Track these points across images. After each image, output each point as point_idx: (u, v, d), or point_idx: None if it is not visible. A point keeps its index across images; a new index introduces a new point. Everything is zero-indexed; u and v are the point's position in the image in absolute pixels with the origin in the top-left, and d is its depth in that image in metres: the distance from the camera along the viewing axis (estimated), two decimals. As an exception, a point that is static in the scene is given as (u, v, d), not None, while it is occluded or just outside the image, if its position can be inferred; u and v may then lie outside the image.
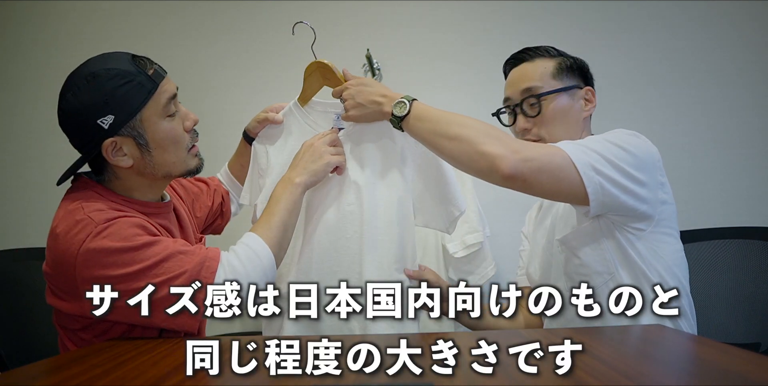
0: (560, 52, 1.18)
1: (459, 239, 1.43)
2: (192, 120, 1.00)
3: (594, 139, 0.99)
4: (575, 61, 1.15)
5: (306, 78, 1.22)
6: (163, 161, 0.96)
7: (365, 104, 1.08)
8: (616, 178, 0.93)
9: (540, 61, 1.15)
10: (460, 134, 0.95)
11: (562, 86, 1.12)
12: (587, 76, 1.17)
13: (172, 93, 0.96)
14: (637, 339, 0.77)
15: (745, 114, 1.65)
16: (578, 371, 0.60)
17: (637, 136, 1.02)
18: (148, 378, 0.63)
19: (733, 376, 0.60)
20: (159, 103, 0.93)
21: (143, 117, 0.92)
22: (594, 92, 1.15)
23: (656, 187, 0.98)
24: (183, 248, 0.88)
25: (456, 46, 1.64)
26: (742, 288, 1.31)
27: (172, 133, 0.96)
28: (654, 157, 0.99)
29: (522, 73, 1.15)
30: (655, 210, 0.98)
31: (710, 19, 1.65)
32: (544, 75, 1.13)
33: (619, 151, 0.95)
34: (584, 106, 1.14)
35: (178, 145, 0.97)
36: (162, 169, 0.97)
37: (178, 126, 0.97)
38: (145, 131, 0.93)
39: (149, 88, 0.92)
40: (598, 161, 0.92)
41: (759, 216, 1.62)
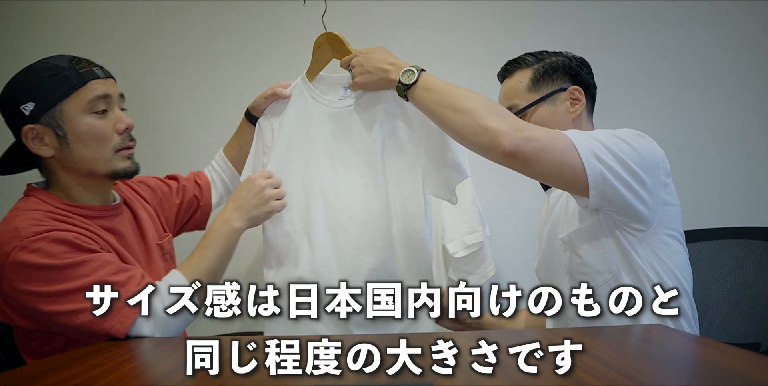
0: (540, 56, 1.15)
1: (459, 239, 1.43)
2: (125, 123, 1.01)
3: (601, 132, 0.99)
4: (556, 62, 1.12)
5: (314, 51, 1.21)
6: (83, 156, 0.97)
7: (372, 71, 1.08)
8: (618, 170, 0.92)
9: (517, 74, 1.14)
10: (465, 107, 0.95)
11: (539, 97, 1.11)
12: (575, 74, 1.13)
13: (102, 93, 0.97)
14: (637, 339, 0.77)
15: (745, 114, 1.65)
16: (578, 371, 0.60)
17: (643, 137, 1.01)
18: (148, 378, 0.63)
19: (733, 376, 0.60)
20: (83, 99, 0.96)
21: (64, 109, 0.95)
22: (581, 90, 1.12)
23: (658, 188, 0.97)
24: (112, 278, 0.87)
25: (456, 46, 1.64)
26: (742, 288, 1.31)
27: (94, 130, 0.97)
28: (658, 158, 0.99)
29: (504, 90, 1.17)
30: (655, 212, 0.97)
31: (710, 19, 1.64)
32: (519, 90, 1.12)
33: (625, 146, 0.95)
34: (570, 107, 1.12)
35: (101, 143, 0.98)
36: (83, 164, 0.98)
37: (105, 125, 0.98)
38: (65, 123, 0.95)
39: (74, 83, 0.95)
40: (601, 151, 0.92)
41: (759, 216, 1.62)
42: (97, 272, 0.87)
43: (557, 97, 1.11)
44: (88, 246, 0.90)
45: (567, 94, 1.11)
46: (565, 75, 1.12)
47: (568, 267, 1.05)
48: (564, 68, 1.13)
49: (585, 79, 1.14)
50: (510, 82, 1.15)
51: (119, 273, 0.89)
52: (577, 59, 1.16)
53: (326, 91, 1.21)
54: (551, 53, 1.16)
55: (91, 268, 0.87)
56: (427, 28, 1.64)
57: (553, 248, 1.12)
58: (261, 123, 1.22)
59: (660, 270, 0.97)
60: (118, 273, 0.89)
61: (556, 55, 1.15)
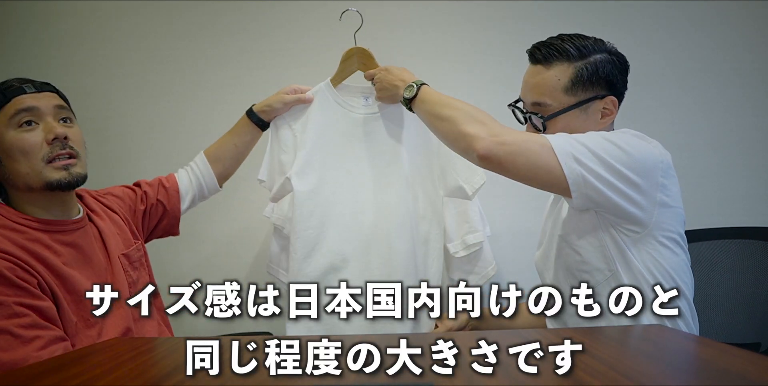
0: (584, 48, 1.03)
1: (459, 239, 1.43)
2: (54, 133, 0.99)
3: (590, 134, 0.98)
4: (600, 64, 1.03)
5: (343, 61, 1.34)
6: (15, 171, 0.98)
7: (388, 87, 1.21)
8: (601, 172, 0.92)
9: (557, 67, 1.03)
10: (449, 115, 1.01)
11: (575, 102, 1.03)
12: (614, 81, 1.05)
13: (26, 106, 0.98)
14: (637, 339, 0.77)
15: (745, 114, 1.64)
16: (578, 371, 0.60)
17: (641, 138, 1.00)
18: (148, 378, 0.63)
19: (733, 376, 0.60)
20: (6, 115, 0.97)
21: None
22: (616, 102, 1.05)
23: (653, 190, 0.95)
24: (17, 330, 0.84)
25: (456, 46, 1.64)
26: (742, 288, 1.31)
27: (19, 143, 0.97)
28: (655, 159, 0.97)
29: (536, 80, 1.06)
30: (650, 214, 0.96)
31: (711, 18, 1.64)
32: (555, 89, 1.03)
33: (614, 148, 0.94)
34: (600, 118, 1.05)
35: (28, 156, 0.97)
36: (19, 179, 0.98)
37: (30, 137, 0.97)
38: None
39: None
40: (582, 153, 0.92)
41: (759, 216, 1.62)
42: (5, 319, 0.84)
43: (591, 106, 1.04)
44: (18, 283, 0.87)
45: (601, 103, 1.05)
46: (606, 82, 1.04)
47: (567, 263, 1.05)
48: (606, 73, 1.04)
49: (620, 86, 1.07)
50: (546, 75, 1.04)
51: (29, 329, 0.85)
52: (620, 60, 1.07)
53: (349, 98, 1.33)
54: (595, 46, 1.05)
55: (1, 313, 0.84)
56: (427, 28, 1.64)
57: (553, 243, 1.12)
58: (277, 122, 1.30)
59: (656, 272, 0.97)
60: (28, 329, 0.85)
61: (599, 51, 1.04)
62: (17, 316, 0.85)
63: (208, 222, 1.63)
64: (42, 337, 0.86)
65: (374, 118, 1.31)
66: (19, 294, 0.87)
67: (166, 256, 1.58)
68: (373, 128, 1.31)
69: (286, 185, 1.28)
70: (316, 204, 1.27)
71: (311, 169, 1.27)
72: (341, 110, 1.31)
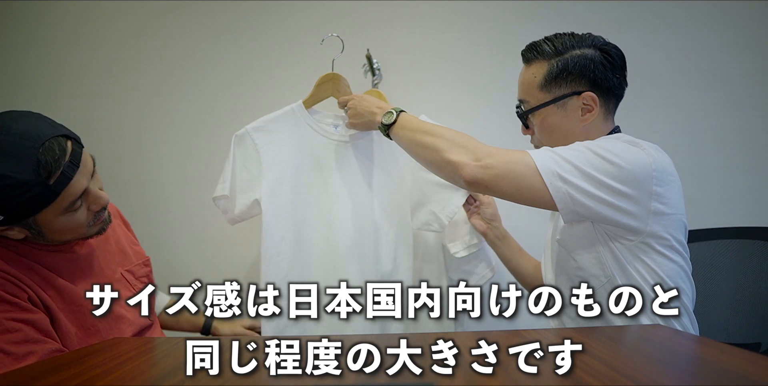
0: (562, 46, 1.04)
1: (460, 239, 1.43)
2: (99, 205, 0.96)
3: (575, 147, 0.96)
4: (575, 61, 1.02)
5: (317, 85, 1.32)
6: (57, 239, 0.96)
7: (363, 113, 1.19)
8: (588, 188, 0.91)
9: (535, 65, 1.06)
10: (431, 143, 1.01)
11: (551, 98, 1.04)
12: (593, 77, 1.02)
13: (76, 195, 0.90)
14: (637, 339, 0.77)
15: (744, 113, 1.64)
16: (578, 371, 0.60)
17: (634, 144, 0.97)
18: (148, 378, 0.63)
19: (733, 376, 0.60)
20: (58, 208, 0.89)
21: (39, 218, 0.89)
22: (596, 98, 1.03)
23: (646, 199, 0.93)
24: (9, 347, 0.82)
25: (456, 46, 1.64)
26: (742, 288, 1.31)
27: (69, 225, 0.93)
28: (646, 168, 0.93)
29: (520, 80, 1.10)
30: (645, 223, 0.94)
31: (710, 18, 1.64)
32: (532, 86, 1.06)
33: (600, 161, 0.92)
34: (581, 115, 1.04)
35: (76, 230, 0.95)
36: (55, 241, 0.96)
37: (80, 216, 0.93)
38: (40, 226, 0.90)
39: (47, 200, 0.86)
40: (567, 171, 0.91)
41: (759, 216, 1.62)
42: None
43: (568, 102, 1.04)
44: (7, 299, 0.85)
45: (579, 100, 1.04)
46: (582, 78, 1.03)
47: (565, 268, 1.05)
48: (582, 69, 1.02)
49: (605, 81, 1.04)
50: (526, 73, 1.08)
51: (21, 345, 0.83)
52: (605, 55, 1.04)
53: (321, 123, 1.32)
54: (575, 43, 1.04)
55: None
56: (427, 28, 1.64)
57: (553, 247, 1.12)
58: (242, 137, 1.26)
59: (651, 279, 0.95)
60: (21, 345, 0.83)
61: (579, 47, 1.03)
62: (8, 332, 0.83)
63: (208, 222, 1.63)
64: (35, 352, 0.84)
65: (345, 145, 1.31)
66: (9, 309, 0.85)
67: (166, 256, 1.58)
68: (343, 154, 1.30)
69: (254, 208, 1.25)
70: (286, 229, 1.24)
71: (281, 192, 1.25)
72: (313, 133, 1.29)
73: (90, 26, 1.67)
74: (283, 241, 1.24)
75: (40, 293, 0.90)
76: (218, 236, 1.64)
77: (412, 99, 1.59)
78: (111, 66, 1.66)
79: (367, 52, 1.55)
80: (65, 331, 0.92)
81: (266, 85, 1.64)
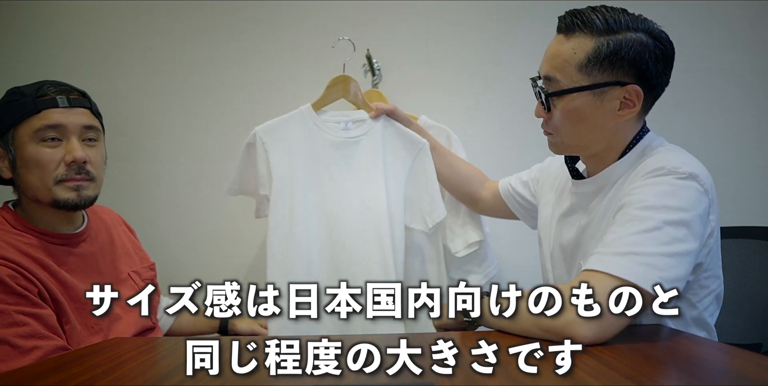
0: (617, 23, 0.87)
1: (460, 238, 1.43)
2: (72, 156, 0.99)
3: (648, 237, 0.79)
4: (629, 44, 0.86)
5: (328, 87, 1.35)
6: (28, 182, 0.99)
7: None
8: (682, 272, 0.79)
9: (577, 39, 0.88)
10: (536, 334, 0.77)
11: (589, 83, 0.88)
12: (645, 67, 0.87)
13: (54, 122, 0.98)
14: (637, 339, 0.77)
15: (744, 113, 1.64)
16: (578, 371, 0.60)
17: (688, 178, 0.85)
18: (148, 378, 0.63)
19: (733, 376, 0.60)
20: (32, 127, 0.97)
21: (16, 134, 0.98)
22: (641, 93, 0.88)
23: (704, 229, 0.84)
24: (16, 340, 0.83)
25: (457, 46, 1.64)
26: (742, 288, 1.30)
27: (37, 157, 0.98)
28: (702, 205, 0.84)
29: (552, 51, 0.92)
30: (704, 255, 0.86)
31: (724, 17, 1.63)
32: (568, 64, 0.89)
33: (676, 230, 0.79)
34: (618, 109, 0.90)
35: (42, 171, 0.98)
36: (28, 190, 1.00)
37: (50, 153, 0.98)
38: (15, 148, 0.98)
39: (27, 110, 0.97)
40: (663, 278, 0.75)
41: (759, 216, 1.61)
42: (4, 328, 0.83)
43: (608, 92, 0.89)
44: (18, 291, 0.87)
45: (621, 92, 0.89)
46: (632, 67, 0.87)
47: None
48: (635, 57, 0.87)
49: (655, 76, 0.89)
50: (563, 46, 0.90)
51: (28, 339, 0.84)
52: (662, 46, 0.89)
53: (329, 122, 1.34)
54: (630, 23, 0.87)
55: (1, 322, 0.84)
56: (427, 28, 1.64)
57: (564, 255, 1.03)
58: (251, 138, 1.30)
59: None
60: (28, 339, 0.84)
61: (635, 30, 0.87)
62: (17, 325, 0.85)
63: (208, 222, 1.63)
64: (41, 348, 0.85)
65: (352, 142, 1.32)
66: (19, 302, 0.86)
67: (166, 256, 1.58)
68: (350, 153, 1.32)
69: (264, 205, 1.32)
70: (292, 227, 1.27)
71: (288, 192, 1.28)
72: (320, 132, 1.32)
73: (95, 28, 1.67)
74: (288, 240, 1.26)
75: (51, 287, 0.92)
76: (218, 236, 1.64)
77: (412, 99, 1.59)
78: (118, 67, 1.66)
79: (367, 52, 1.55)
80: (72, 327, 0.93)
81: (276, 86, 1.64)
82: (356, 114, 1.36)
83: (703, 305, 0.92)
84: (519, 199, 1.27)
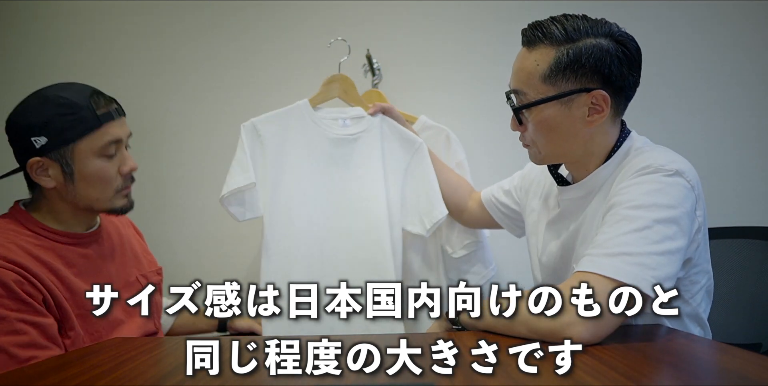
0: (574, 31, 0.87)
1: (455, 238, 1.43)
2: (129, 166, 1.02)
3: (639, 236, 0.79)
4: (588, 50, 0.86)
5: (325, 84, 1.36)
6: (86, 195, 0.99)
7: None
8: (673, 270, 0.80)
9: (539, 50, 0.89)
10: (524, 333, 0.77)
11: (555, 93, 0.89)
12: (608, 72, 0.87)
13: (115, 137, 0.99)
14: (637, 339, 0.77)
15: (744, 113, 1.64)
16: (578, 371, 0.60)
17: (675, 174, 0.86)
18: (148, 378, 0.63)
19: (733, 376, 0.60)
20: (96, 143, 0.97)
21: (76, 149, 0.96)
22: (607, 97, 0.88)
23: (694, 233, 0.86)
24: (14, 349, 0.83)
25: (457, 46, 1.64)
26: (742, 288, 1.30)
27: (101, 173, 0.98)
28: (689, 202, 0.85)
29: (519, 64, 0.93)
30: (692, 251, 0.88)
31: (726, 17, 1.63)
32: (532, 77, 0.90)
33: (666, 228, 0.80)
34: (587, 115, 0.90)
35: (105, 185, 1.00)
36: (83, 201, 0.99)
37: (111, 167, 1.00)
38: (74, 162, 0.96)
39: (90, 126, 0.96)
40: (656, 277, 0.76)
41: (759, 216, 1.61)
42: (4, 335, 0.83)
43: (575, 99, 0.89)
44: (22, 297, 0.86)
45: (588, 98, 0.89)
46: (595, 73, 0.88)
47: None
48: (596, 63, 0.87)
49: (620, 79, 0.89)
50: (527, 58, 0.91)
51: (26, 349, 0.84)
52: (622, 47, 0.88)
53: (326, 119, 1.33)
54: (590, 29, 0.88)
55: (1, 329, 0.83)
56: (427, 28, 1.64)
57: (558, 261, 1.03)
58: (248, 128, 1.28)
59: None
60: (25, 348, 0.84)
61: (594, 35, 0.87)
62: (16, 334, 0.84)
63: (208, 222, 1.63)
64: (38, 358, 0.84)
65: (351, 139, 1.31)
66: (22, 309, 0.86)
67: (166, 256, 1.58)
68: (347, 151, 1.31)
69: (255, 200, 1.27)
70: (288, 225, 1.25)
71: (284, 188, 1.27)
72: (317, 129, 1.31)
73: (95, 27, 1.67)
74: (284, 238, 1.25)
75: (57, 294, 0.91)
76: (218, 236, 1.64)
77: (411, 99, 1.59)
78: (118, 67, 1.66)
79: (367, 52, 1.55)
80: (77, 333, 0.93)
81: (276, 85, 1.64)
82: (353, 110, 1.35)
83: (696, 300, 0.93)
84: (503, 209, 1.27)
